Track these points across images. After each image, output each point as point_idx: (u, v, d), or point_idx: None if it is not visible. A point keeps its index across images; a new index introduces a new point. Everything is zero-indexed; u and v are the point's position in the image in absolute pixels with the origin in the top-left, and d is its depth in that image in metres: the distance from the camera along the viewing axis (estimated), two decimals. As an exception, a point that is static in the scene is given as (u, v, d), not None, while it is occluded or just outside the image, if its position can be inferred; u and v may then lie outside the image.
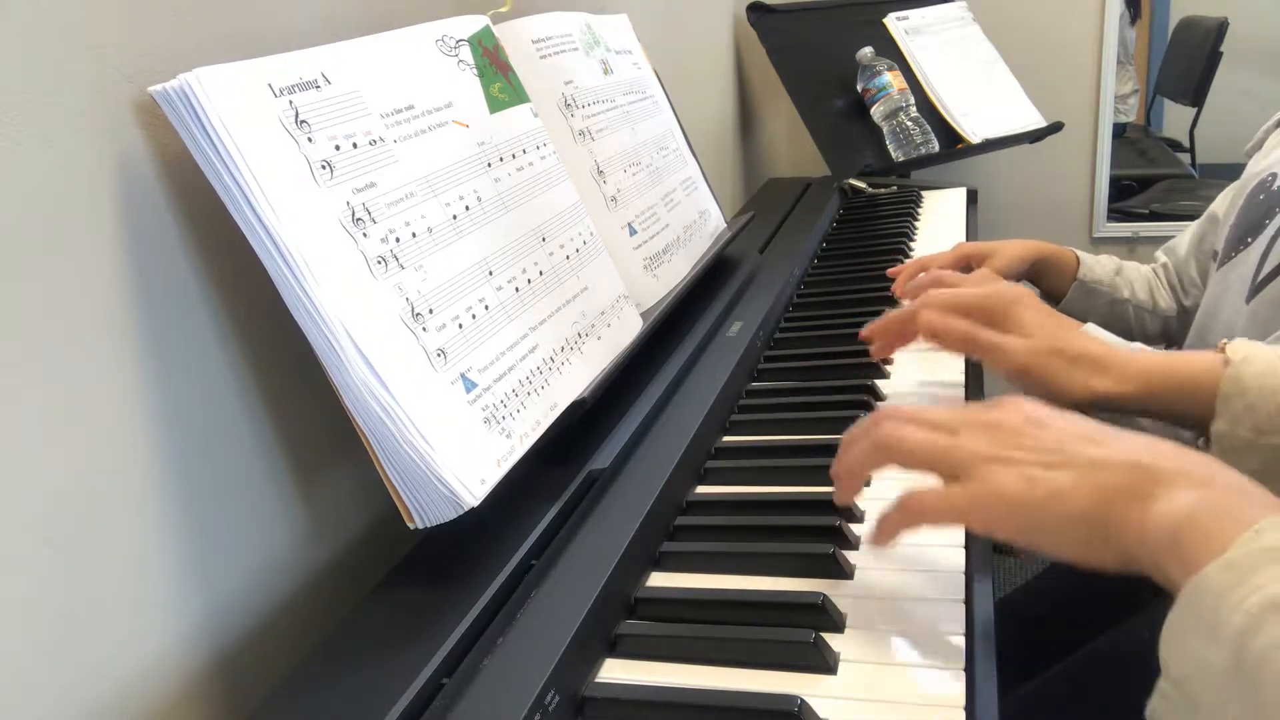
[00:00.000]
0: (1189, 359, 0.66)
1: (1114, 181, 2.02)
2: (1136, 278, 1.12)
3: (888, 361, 0.85)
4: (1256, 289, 0.87)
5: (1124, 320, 1.11)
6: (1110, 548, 0.44)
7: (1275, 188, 0.92)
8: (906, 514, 0.50)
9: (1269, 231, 0.88)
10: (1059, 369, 0.66)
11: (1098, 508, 0.44)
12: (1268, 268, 0.86)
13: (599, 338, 0.71)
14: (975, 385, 0.81)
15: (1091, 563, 0.45)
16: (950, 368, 0.84)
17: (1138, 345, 0.83)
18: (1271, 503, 0.41)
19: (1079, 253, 1.12)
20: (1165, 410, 0.67)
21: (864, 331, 0.77)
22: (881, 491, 0.66)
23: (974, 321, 0.69)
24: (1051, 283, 1.13)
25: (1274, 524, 0.38)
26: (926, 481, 0.51)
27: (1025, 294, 0.72)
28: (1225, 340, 0.67)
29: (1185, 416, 0.66)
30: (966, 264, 1.10)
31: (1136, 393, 0.66)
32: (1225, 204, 1.03)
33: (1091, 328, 0.86)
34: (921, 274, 0.91)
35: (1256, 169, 0.97)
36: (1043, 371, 0.66)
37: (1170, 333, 1.11)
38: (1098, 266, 1.11)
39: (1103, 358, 0.67)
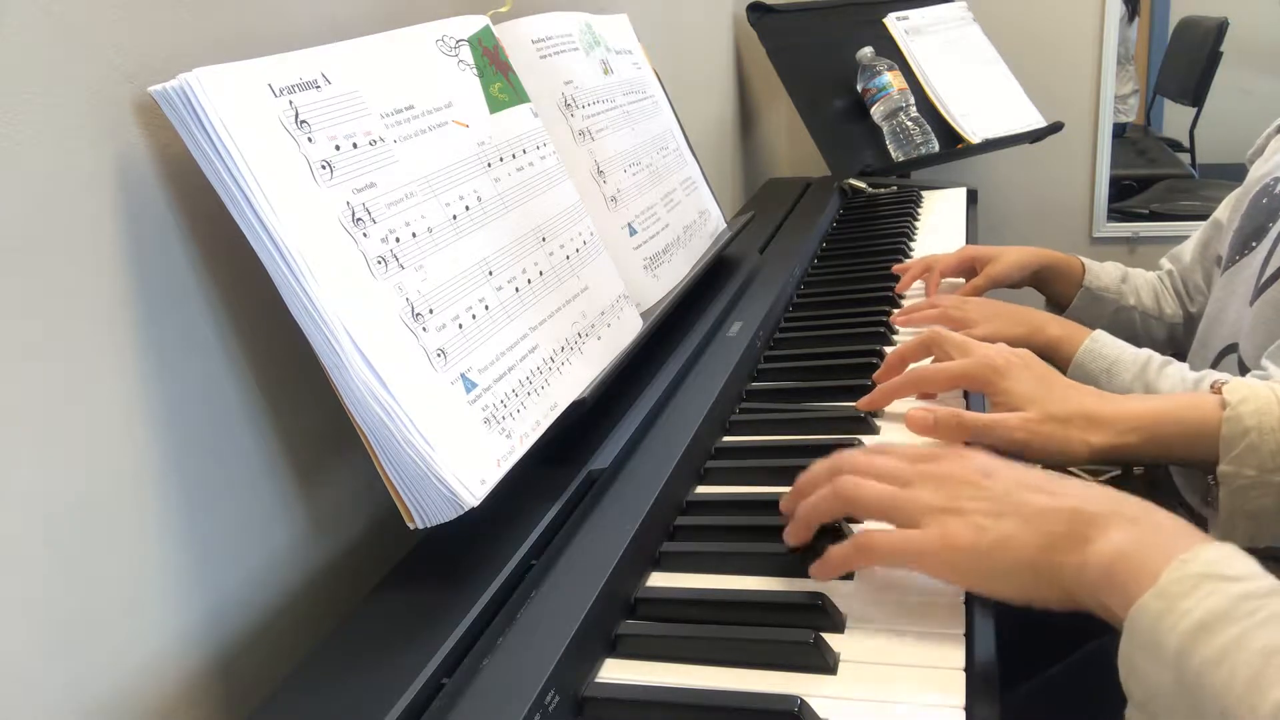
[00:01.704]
0: (1186, 403, 0.68)
1: (1114, 181, 2.02)
2: (1143, 284, 1.12)
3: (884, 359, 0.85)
4: (1259, 291, 0.87)
5: (1130, 327, 1.11)
6: (1054, 589, 0.48)
7: (1277, 192, 0.92)
8: (858, 551, 0.53)
9: (1272, 235, 0.88)
10: (1056, 434, 0.67)
11: (1040, 553, 0.48)
12: (1270, 270, 0.86)
13: (599, 338, 0.71)
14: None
15: (1038, 604, 0.48)
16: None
17: (1146, 351, 0.83)
18: (1197, 536, 0.45)
19: (1085, 260, 1.12)
20: (1168, 455, 0.69)
21: (862, 404, 0.77)
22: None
23: (960, 412, 0.70)
24: (1057, 290, 1.13)
25: (1197, 553, 0.42)
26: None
27: (1008, 360, 0.72)
28: (1221, 382, 0.68)
29: (1190, 460, 0.68)
30: (970, 266, 1.10)
31: (1137, 442, 0.67)
32: (1228, 210, 1.03)
33: (1100, 334, 0.87)
34: (930, 311, 0.91)
35: (1259, 174, 0.97)
36: (1041, 441, 0.67)
37: (1177, 339, 1.11)
38: (1103, 274, 1.11)
39: (1096, 413, 0.68)
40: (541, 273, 0.67)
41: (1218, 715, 0.37)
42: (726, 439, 0.75)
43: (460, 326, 0.57)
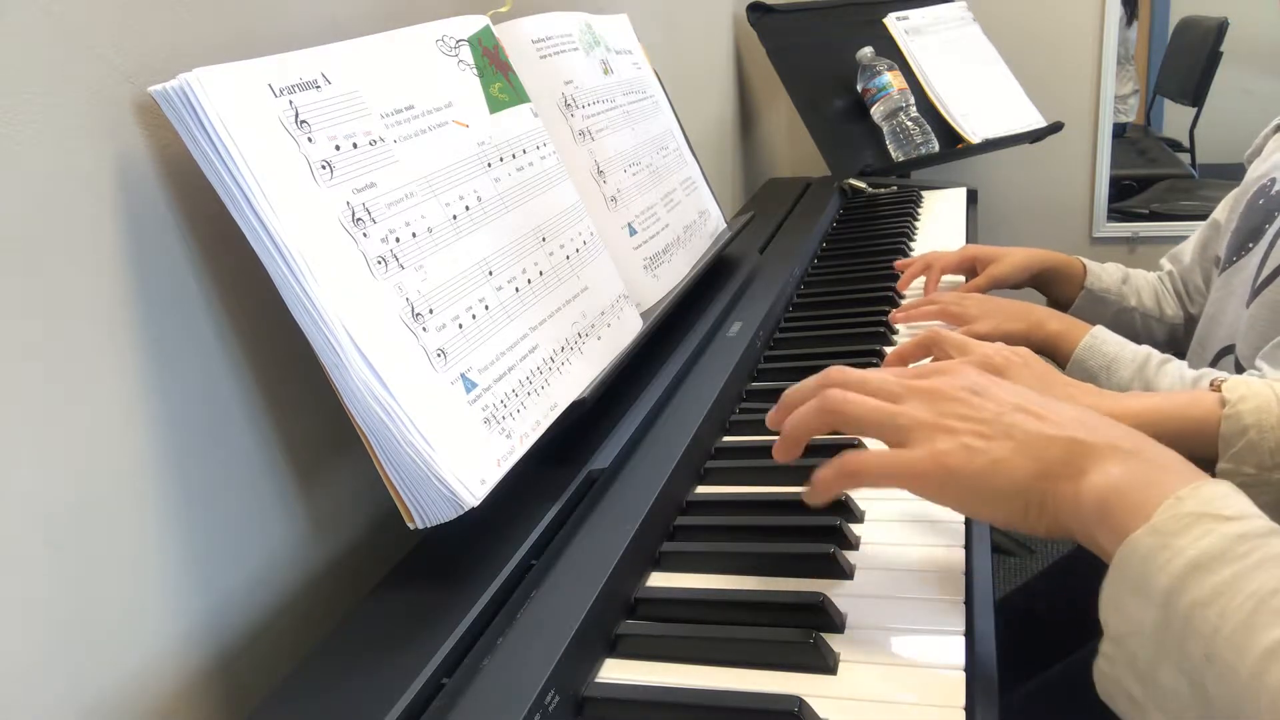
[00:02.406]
0: (1185, 402, 0.68)
1: (1114, 181, 2.02)
2: (1144, 286, 1.12)
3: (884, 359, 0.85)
4: (1256, 292, 0.87)
5: (1131, 328, 1.11)
6: (1045, 517, 0.47)
7: (1274, 192, 0.92)
8: (844, 473, 0.52)
9: (1269, 235, 0.88)
10: None
11: (1033, 480, 0.47)
12: (1266, 271, 0.86)
13: (599, 338, 0.71)
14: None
15: (1024, 530, 0.48)
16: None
17: (1145, 349, 0.83)
18: (1194, 473, 0.44)
19: (1086, 261, 1.12)
20: None
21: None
22: (878, 492, 0.65)
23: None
24: (1059, 291, 1.13)
25: (1194, 490, 0.41)
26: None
27: (1008, 360, 0.71)
28: (1220, 380, 0.68)
29: (1187, 457, 0.67)
30: (971, 266, 1.10)
31: None
32: (1226, 210, 1.03)
33: (1100, 330, 0.87)
34: (930, 307, 0.91)
35: (1256, 174, 0.98)
36: None
37: (1177, 340, 1.11)
38: (1105, 275, 1.11)
39: (1096, 410, 0.67)
40: (541, 273, 0.67)
41: (1202, 658, 0.37)
42: (726, 439, 0.75)
43: (460, 326, 0.57)
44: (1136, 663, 0.40)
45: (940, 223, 1.35)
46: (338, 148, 0.54)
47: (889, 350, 0.88)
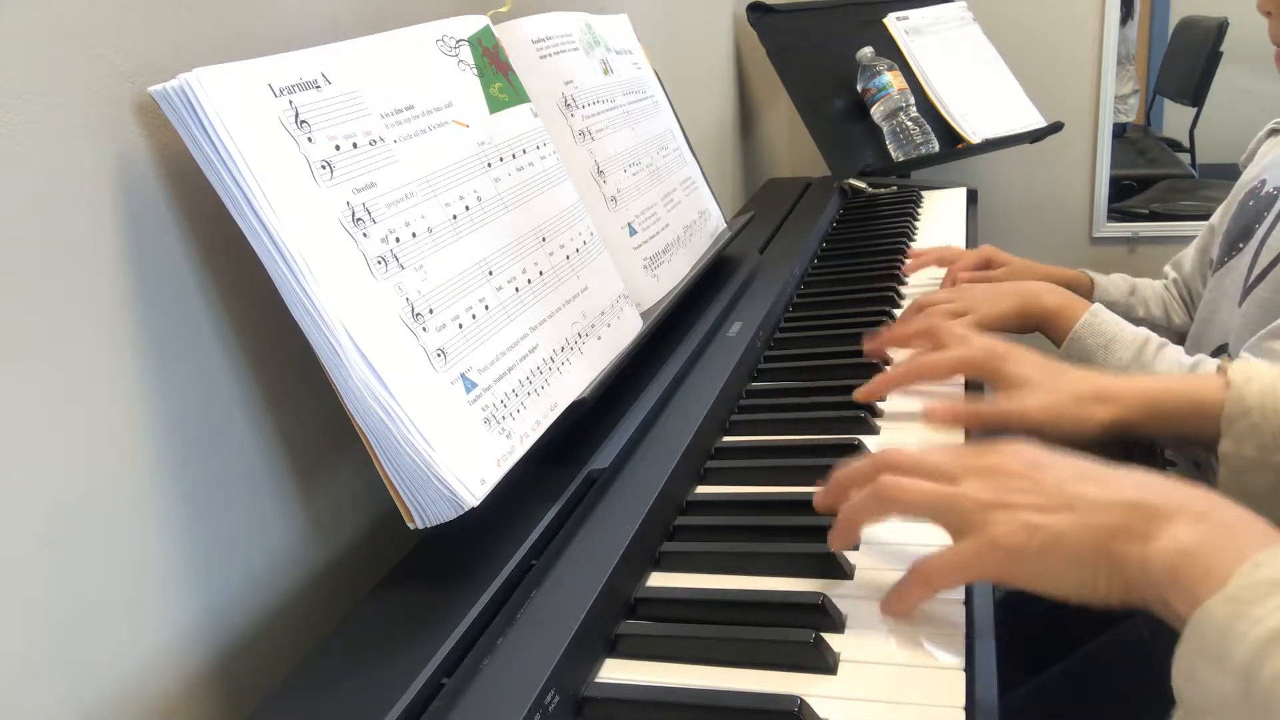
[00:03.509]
0: (1191, 381, 0.68)
1: (1114, 181, 2.02)
2: (1151, 296, 1.12)
3: (887, 361, 0.85)
4: (1247, 292, 0.87)
5: None
6: (1114, 586, 0.45)
7: (1264, 193, 0.92)
8: (919, 583, 0.51)
9: (1259, 235, 0.89)
10: (1069, 412, 0.68)
11: (1097, 548, 0.45)
12: (1257, 271, 0.86)
13: (599, 338, 0.71)
14: (974, 383, 0.81)
15: (1098, 601, 0.46)
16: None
17: (1144, 331, 0.83)
18: (1270, 534, 0.42)
19: (1093, 274, 1.12)
20: (1171, 432, 0.69)
21: (860, 393, 0.77)
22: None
23: (976, 403, 0.70)
24: None
25: (1272, 555, 0.39)
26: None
27: (1010, 347, 0.73)
28: (1227, 361, 0.68)
29: (1191, 437, 0.68)
30: (987, 265, 1.10)
31: (1142, 418, 0.67)
32: (1220, 214, 1.04)
33: (1099, 309, 0.86)
34: (917, 317, 0.91)
35: (1248, 177, 0.98)
36: (1057, 421, 0.67)
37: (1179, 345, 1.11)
38: (1111, 287, 1.11)
39: (1103, 389, 0.68)
40: (541, 273, 0.67)
41: None
42: (726, 439, 0.75)
43: (460, 326, 0.57)
44: None
45: (940, 223, 1.35)
46: (338, 148, 0.54)
47: (889, 352, 0.88)
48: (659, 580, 0.58)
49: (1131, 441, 0.69)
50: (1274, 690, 0.36)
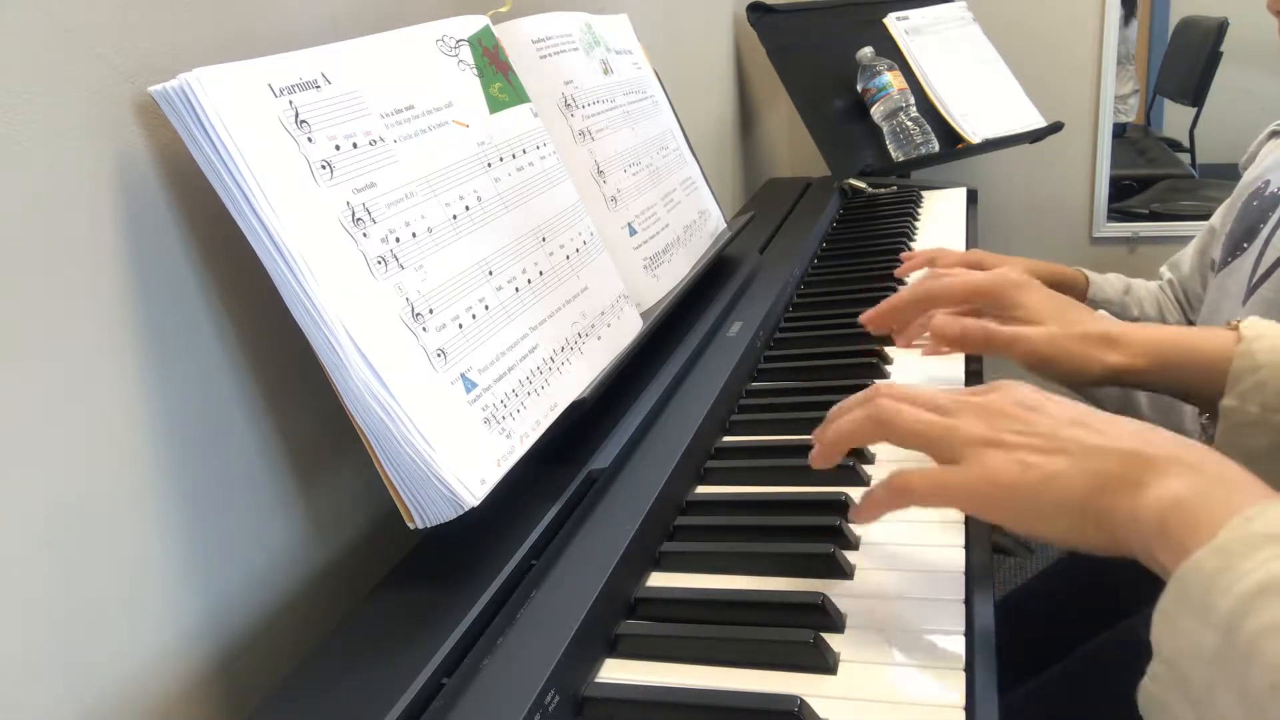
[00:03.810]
0: (1202, 334, 0.67)
1: (1114, 181, 2.02)
2: (1145, 296, 1.12)
3: (887, 361, 0.86)
4: (1251, 291, 0.87)
5: None
6: (1102, 533, 0.45)
7: (1268, 194, 0.92)
8: (894, 492, 0.51)
9: (1263, 235, 0.89)
10: (1075, 349, 0.67)
11: (1090, 494, 0.45)
12: (1262, 270, 0.86)
13: (599, 338, 0.71)
14: (974, 382, 0.81)
15: (1082, 547, 0.46)
16: (950, 366, 0.84)
17: (1136, 322, 0.83)
18: (1262, 490, 0.42)
19: (1087, 272, 1.12)
20: (1176, 384, 0.68)
21: (865, 317, 0.77)
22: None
23: (984, 317, 0.70)
24: None
25: (1263, 510, 0.39)
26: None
27: (1027, 278, 0.72)
28: (1238, 319, 0.67)
29: (1195, 391, 0.67)
30: (976, 267, 1.10)
31: (1149, 366, 0.67)
32: (1221, 215, 1.03)
33: (1103, 315, 0.86)
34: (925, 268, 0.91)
35: (1250, 178, 0.98)
36: (1062, 355, 0.67)
37: None
38: (1107, 286, 1.11)
39: (1115, 334, 0.68)
40: (541, 273, 0.67)
41: (1266, 687, 0.34)
42: (726, 439, 0.75)
43: (460, 326, 0.57)
44: (1190, 687, 0.38)
45: (940, 223, 1.35)
46: (338, 148, 0.54)
47: (889, 350, 0.88)
48: (659, 580, 0.58)
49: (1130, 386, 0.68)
50: (1256, 645, 0.35)
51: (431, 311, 0.55)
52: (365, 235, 0.53)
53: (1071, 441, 0.47)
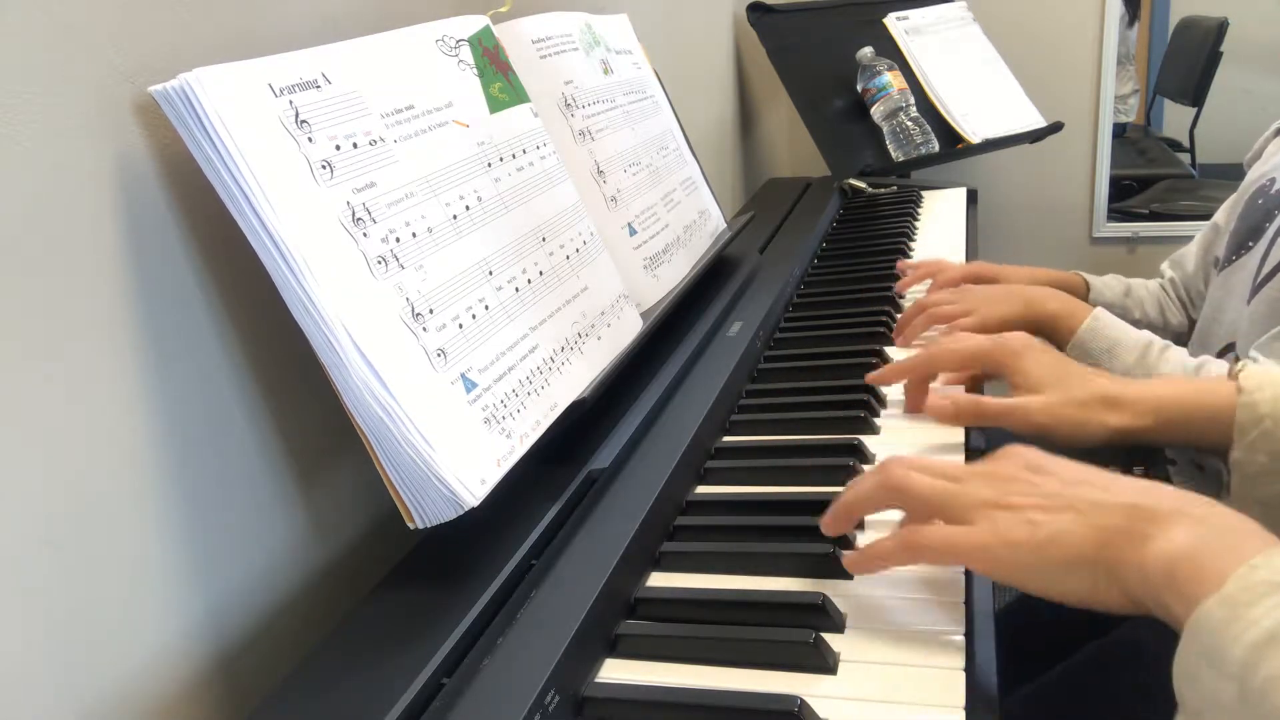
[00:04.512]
0: (1202, 389, 0.67)
1: (1114, 181, 2.02)
2: (1146, 296, 1.12)
3: (887, 361, 0.85)
4: (1256, 290, 0.87)
5: None
6: (1114, 589, 0.45)
7: (1274, 192, 0.92)
8: (904, 547, 0.51)
9: (1269, 234, 0.88)
10: (1075, 417, 0.67)
11: (1097, 549, 0.46)
12: (1267, 269, 0.86)
13: (599, 338, 0.71)
14: (974, 386, 0.81)
15: (1098, 606, 0.46)
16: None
17: (1147, 334, 0.83)
18: (1265, 538, 0.43)
19: (1087, 276, 1.12)
20: (1183, 440, 0.68)
21: (871, 378, 0.77)
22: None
23: (980, 397, 0.70)
24: None
25: (1268, 558, 0.40)
26: None
27: (1025, 342, 0.73)
28: (1239, 366, 0.68)
29: (1204, 445, 0.67)
30: (975, 282, 1.09)
31: (1153, 425, 0.67)
32: (1226, 213, 1.03)
33: (1101, 313, 0.86)
34: (919, 319, 0.91)
35: (1255, 175, 0.98)
36: (1060, 423, 0.67)
37: (1182, 347, 1.11)
38: (1106, 290, 1.11)
39: (1115, 396, 0.68)
40: (541, 273, 0.67)
41: None
42: (726, 439, 0.75)
43: (460, 326, 0.57)
44: None
45: (940, 223, 1.35)
46: (338, 147, 0.54)
47: (889, 350, 0.88)
48: (659, 580, 0.58)
49: (1133, 446, 0.69)
50: (1268, 693, 0.36)
51: (431, 311, 0.55)
52: (365, 235, 0.53)
53: (1077, 499, 0.48)
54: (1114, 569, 0.45)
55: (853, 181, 1.49)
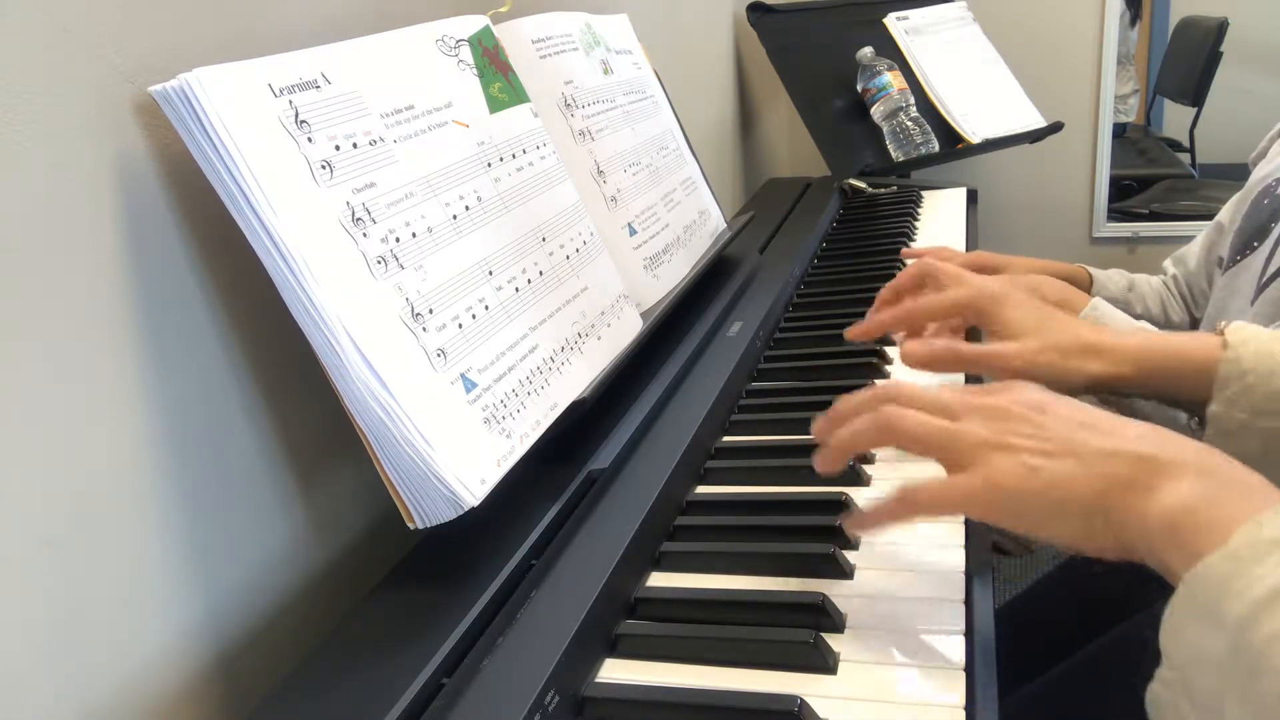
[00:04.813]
0: (1187, 340, 0.66)
1: (1114, 181, 2.02)
2: (1148, 292, 1.12)
3: (887, 361, 0.85)
4: (1261, 290, 0.87)
5: None
6: (1110, 537, 0.45)
7: (1279, 192, 0.92)
8: (904, 504, 0.50)
9: (1274, 235, 0.88)
10: (1054, 364, 0.66)
11: (1098, 497, 0.45)
12: (1272, 269, 0.86)
13: (599, 338, 0.71)
14: (976, 382, 0.81)
15: (1089, 550, 0.46)
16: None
17: (1141, 323, 0.83)
18: (1273, 495, 0.42)
19: (1091, 269, 1.12)
20: (1162, 391, 0.67)
21: (850, 332, 0.76)
22: (879, 491, 0.66)
23: (954, 338, 0.69)
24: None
25: (1275, 515, 0.39)
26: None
27: (1008, 291, 0.72)
28: (1225, 323, 0.67)
29: (1182, 398, 0.66)
30: (978, 271, 1.10)
31: (1133, 374, 0.66)
32: (1230, 212, 1.03)
33: (1099, 302, 0.86)
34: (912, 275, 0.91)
35: (1260, 175, 0.98)
36: (1039, 370, 0.66)
37: None
38: (1110, 284, 1.11)
39: (1096, 343, 0.67)
40: (541, 273, 0.67)
41: (1276, 696, 0.34)
42: (726, 439, 0.75)
43: (460, 326, 0.57)
44: (1197, 693, 0.38)
45: (940, 223, 1.35)
46: (338, 148, 0.54)
47: (889, 350, 0.88)
48: (659, 580, 0.58)
49: (1112, 393, 0.68)
50: (1265, 651, 0.35)
51: (431, 311, 0.55)
52: (365, 235, 0.53)
53: (1079, 444, 0.47)
54: (1113, 517, 0.44)
55: (853, 181, 1.49)
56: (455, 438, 0.53)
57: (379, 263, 0.53)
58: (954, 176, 1.68)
